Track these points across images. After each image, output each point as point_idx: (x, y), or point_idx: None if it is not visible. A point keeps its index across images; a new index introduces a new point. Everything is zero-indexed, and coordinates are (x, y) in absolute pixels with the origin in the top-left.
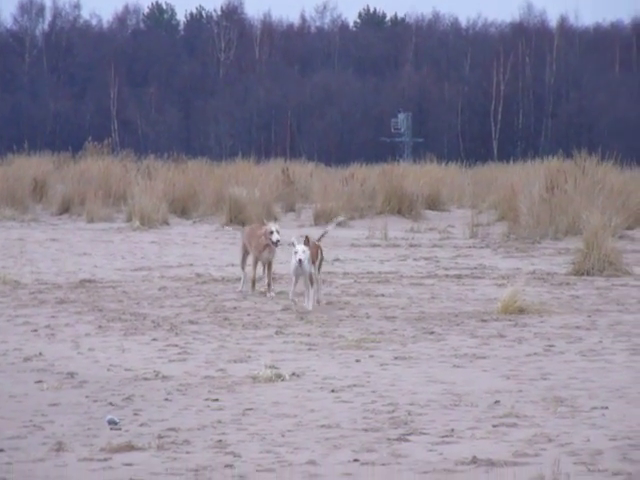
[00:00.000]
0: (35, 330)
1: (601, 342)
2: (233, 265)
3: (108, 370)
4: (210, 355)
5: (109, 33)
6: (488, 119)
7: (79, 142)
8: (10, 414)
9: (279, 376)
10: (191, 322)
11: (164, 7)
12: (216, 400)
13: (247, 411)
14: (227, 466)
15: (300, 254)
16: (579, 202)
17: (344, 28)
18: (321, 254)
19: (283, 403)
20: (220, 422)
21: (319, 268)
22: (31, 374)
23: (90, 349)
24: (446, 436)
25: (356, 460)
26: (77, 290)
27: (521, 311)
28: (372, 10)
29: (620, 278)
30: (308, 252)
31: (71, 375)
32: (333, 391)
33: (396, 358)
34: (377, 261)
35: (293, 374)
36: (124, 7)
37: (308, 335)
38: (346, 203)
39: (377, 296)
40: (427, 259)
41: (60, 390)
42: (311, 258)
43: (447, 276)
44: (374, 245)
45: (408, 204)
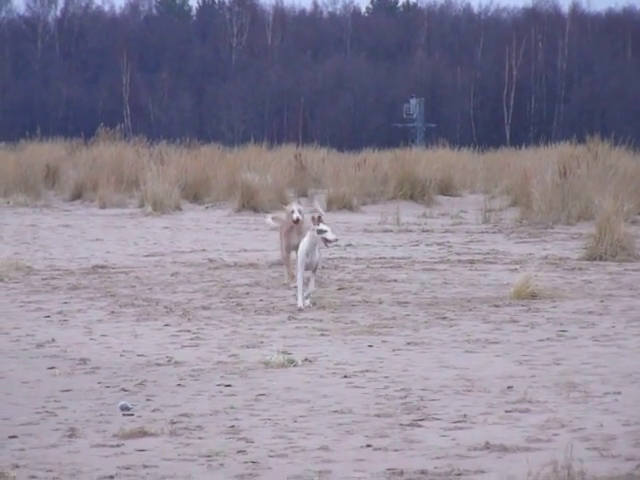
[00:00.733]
0: (48, 316)
1: (614, 327)
2: (245, 250)
3: (121, 356)
4: (222, 340)
5: (121, 19)
6: (500, 104)
7: (91, 128)
8: (23, 400)
9: (291, 361)
10: (204, 307)
11: None
12: (229, 386)
13: (259, 397)
14: (240, 452)
15: (330, 234)
16: (592, 187)
17: (356, 14)
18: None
19: (295, 389)
20: (233, 408)
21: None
22: (44, 360)
23: (103, 335)
24: (459, 421)
25: (369, 445)
26: (89, 276)
27: (534, 296)
28: None
29: (633, 263)
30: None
31: (84, 361)
32: (345, 377)
33: (409, 343)
34: (389, 246)
35: (305, 359)
36: None
37: (320, 321)
38: (358, 188)
39: (389, 281)
40: (439, 244)
41: (73, 376)
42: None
43: (459, 261)
44: (386, 230)
45: (420, 189)
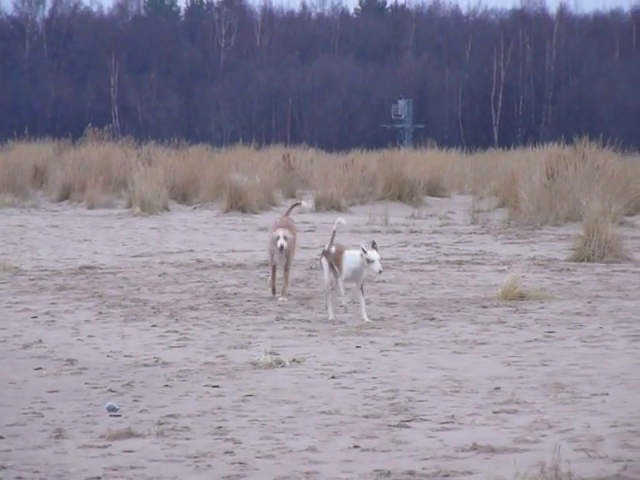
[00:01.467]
0: (35, 317)
1: (601, 328)
2: (234, 251)
3: (108, 356)
4: (210, 341)
5: (109, 20)
6: (488, 105)
7: (79, 128)
8: (9, 401)
9: (279, 362)
10: (191, 308)
11: None
12: (216, 386)
13: (247, 397)
14: (227, 452)
15: (377, 264)
16: (579, 188)
17: (345, 15)
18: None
19: (283, 389)
20: (220, 408)
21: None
22: (31, 361)
23: (90, 335)
24: (446, 422)
25: (356, 446)
26: (77, 276)
27: (521, 297)
28: None
29: (620, 264)
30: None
31: (71, 362)
32: (333, 377)
33: (396, 344)
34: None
35: (293, 360)
36: None
37: (308, 321)
38: (347, 189)
39: (377, 282)
40: (427, 245)
41: (60, 377)
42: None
43: (447, 262)
44: (374, 231)
45: (409, 190)
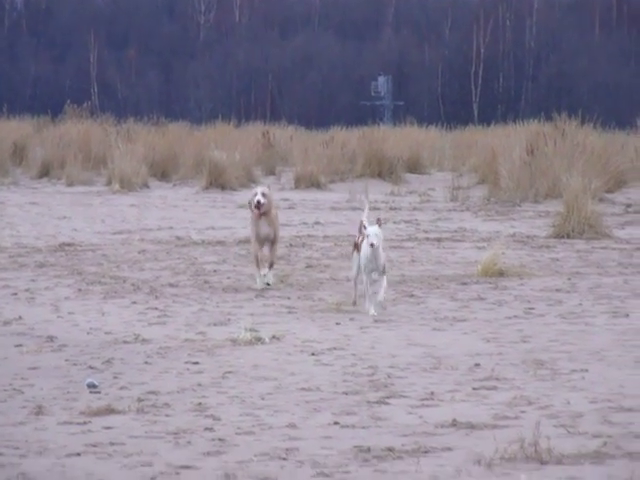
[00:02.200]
0: (15, 294)
1: (581, 305)
2: (213, 228)
3: (88, 333)
4: (190, 318)
5: None
6: (468, 82)
7: (59, 105)
8: None
9: (259, 339)
10: (171, 285)
11: None
12: (196, 363)
13: (227, 374)
14: (207, 429)
15: (373, 237)
16: (559, 165)
17: None
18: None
19: (263, 366)
20: (200, 385)
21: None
22: (11, 338)
23: (70, 312)
24: (426, 399)
25: (336, 423)
26: (57, 253)
27: (501, 274)
28: None
29: (600, 241)
30: (381, 236)
31: (51, 339)
32: (313, 354)
33: (376, 321)
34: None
35: (273, 337)
36: None
37: (288, 298)
38: (326, 166)
39: None
40: (407, 222)
41: (40, 354)
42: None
43: (427, 239)
44: (354, 208)
45: (388, 167)
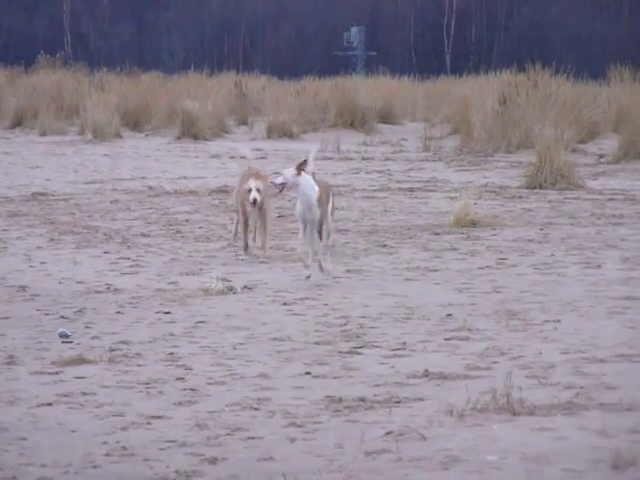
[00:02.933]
0: None
1: (553, 255)
2: (185, 178)
3: (60, 283)
4: (162, 268)
5: None
6: (441, 33)
7: (32, 55)
8: None
9: (231, 289)
10: (143, 235)
11: None
12: (168, 313)
13: (199, 324)
14: (178, 379)
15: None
16: (532, 115)
17: None
18: (332, 199)
19: (235, 316)
20: (172, 335)
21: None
22: None
23: (42, 262)
24: (398, 349)
25: (308, 373)
26: (29, 203)
27: (473, 224)
28: None
29: (572, 192)
30: (311, 183)
31: (23, 288)
32: (285, 304)
33: (348, 271)
34: (329, 174)
35: (245, 287)
36: None
37: (260, 248)
38: (299, 116)
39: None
40: (380, 172)
41: (11, 303)
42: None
43: (400, 189)
44: (326, 158)
45: (361, 117)
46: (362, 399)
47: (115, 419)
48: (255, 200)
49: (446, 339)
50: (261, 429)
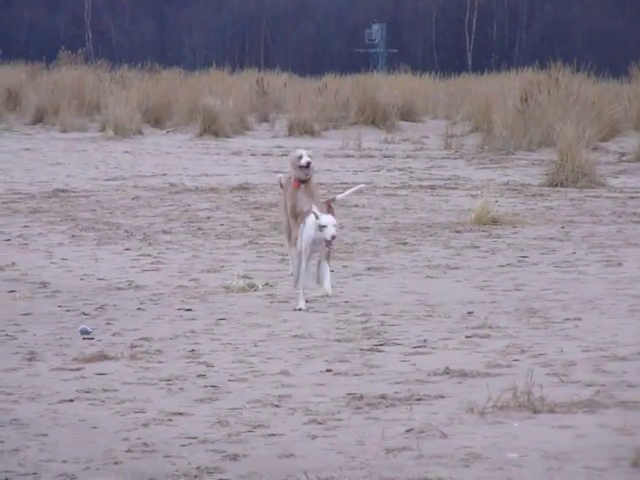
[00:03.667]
0: (8, 240)
1: (574, 253)
2: (207, 175)
3: (81, 280)
4: (183, 265)
5: None
6: (462, 30)
7: (53, 52)
8: None
9: (252, 286)
10: (164, 232)
11: None
12: (189, 310)
13: (220, 321)
14: (199, 376)
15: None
16: (553, 113)
17: None
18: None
19: (256, 313)
20: (193, 332)
21: None
22: (4, 284)
23: (63, 259)
24: (419, 347)
25: (329, 370)
26: (50, 200)
27: (494, 222)
28: None
29: (594, 190)
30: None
31: (44, 285)
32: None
33: (369, 269)
34: (351, 172)
35: (266, 284)
36: None
37: (281, 245)
38: (320, 114)
39: (350, 207)
40: (401, 170)
41: (33, 300)
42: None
43: (421, 187)
44: (348, 156)
45: (382, 115)
46: (383, 396)
47: (136, 415)
48: (308, 163)
49: (467, 337)
50: (282, 426)
